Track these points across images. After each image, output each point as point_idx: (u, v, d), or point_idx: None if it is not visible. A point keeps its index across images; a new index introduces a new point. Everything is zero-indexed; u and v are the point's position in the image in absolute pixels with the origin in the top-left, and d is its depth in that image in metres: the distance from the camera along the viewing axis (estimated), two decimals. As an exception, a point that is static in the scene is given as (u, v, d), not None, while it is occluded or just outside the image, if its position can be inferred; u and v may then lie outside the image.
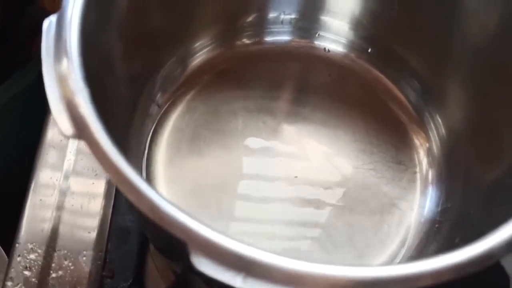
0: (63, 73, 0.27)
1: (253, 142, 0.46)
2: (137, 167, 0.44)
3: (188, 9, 0.44)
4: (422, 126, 0.47)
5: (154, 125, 0.46)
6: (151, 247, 0.44)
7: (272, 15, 0.49)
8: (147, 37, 0.42)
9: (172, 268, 0.43)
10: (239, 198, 0.44)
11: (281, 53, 0.50)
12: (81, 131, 0.26)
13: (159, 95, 0.47)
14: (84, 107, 0.26)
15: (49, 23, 0.28)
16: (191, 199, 0.43)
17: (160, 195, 0.25)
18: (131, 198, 0.24)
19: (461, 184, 0.42)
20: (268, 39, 0.50)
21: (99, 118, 0.27)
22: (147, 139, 0.46)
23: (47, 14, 0.51)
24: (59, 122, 0.26)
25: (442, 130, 0.46)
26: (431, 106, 0.46)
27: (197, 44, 0.48)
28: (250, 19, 0.49)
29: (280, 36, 0.50)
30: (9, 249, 0.44)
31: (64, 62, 0.27)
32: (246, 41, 0.50)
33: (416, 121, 0.47)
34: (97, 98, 0.28)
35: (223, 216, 0.43)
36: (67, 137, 0.26)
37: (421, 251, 0.41)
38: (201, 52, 0.48)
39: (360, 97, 0.48)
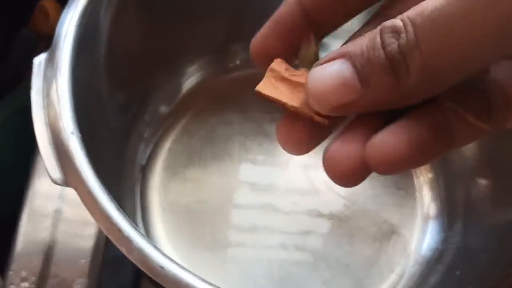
0: (53, 117, 0.26)
1: (250, 166, 0.45)
2: (131, 194, 0.43)
3: (181, 33, 0.44)
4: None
5: (150, 150, 0.45)
6: (144, 275, 0.44)
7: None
8: (139, 61, 0.41)
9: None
10: (235, 225, 0.43)
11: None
12: (71, 178, 0.25)
13: (154, 119, 0.46)
14: (74, 154, 0.25)
15: (39, 63, 0.27)
16: (186, 226, 0.43)
17: (154, 246, 0.24)
18: (123, 251, 0.23)
19: (462, 217, 0.41)
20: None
21: (90, 162, 0.26)
22: (141, 164, 0.45)
23: (40, 36, 0.50)
24: (49, 168, 0.25)
25: (448, 162, 0.45)
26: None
27: (192, 67, 0.47)
28: (245, 42, 0.48)
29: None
30: (2, 276, 0.43)
31: (55, 104, 0.26)
32: (241, 63, 0.49)
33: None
34: (87, 135, 0.28)
35: (219, 244, 0.42)
36: (56, 183, 0.25)
37: (421, 283, 0.40)
38: (196, 75, 0.48)
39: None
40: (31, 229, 0.45)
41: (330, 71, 0.18)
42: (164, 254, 0.24)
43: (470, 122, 0.19)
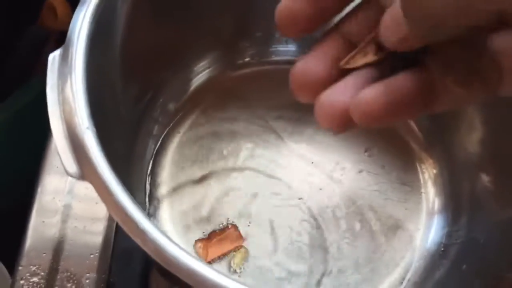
0: (68, 113, 0.27)
1: (256, 162, 0.46)
2: (140, 189, 0.44)
3: (190, 29, 0.44)
4: (430, 151, 0.46)
5: (158, 145, 0.46)
6: (154, 269, 0.44)
7: (277, 34, 0.49)
8: (149, 58, 0.42)
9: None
10: (243, 220, 0.43)
11: (285, 72, 0.49)
12: (87, 172, 0.26)
13: (162, 115, 0.46)
14: (90, 148, 0.26)
15: (53, 59, 0.28)
16: (194, 221, 0.43)
17: (168, 237, 0.24)
18: (139, 242, 0.24)
19: (467, 212, 0.42)
20: (273, 58, 0.50)
21: (104, 156, 0.26)
22: (150, 159, 0.45)
23: (49, 33, 0.51)
24: (65, 162, 0.26)
25: (452, 157, 0.45)
26: (442, 133, 0.46)
27: (200, 64, 0.48)
28: (254, 38, 0.49)
29: (284, 55, 0.50)
30: (12, 271, 0.44)
31: (70, 100, 0.27)
32: (250, 60, 0.49)
33: (423, 145, 0.47)
34: (101, 130, 0.28)
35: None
36: (72, 177, 0.26)
37: (427, 277, 0.41)
38: (205, 72, 0.48)
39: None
40: (41, 225, 0.45)
41: None
42: (178, 246, 0.24)
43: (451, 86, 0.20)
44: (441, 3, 0.17)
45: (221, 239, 0.42)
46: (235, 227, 0.43)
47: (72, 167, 0.26)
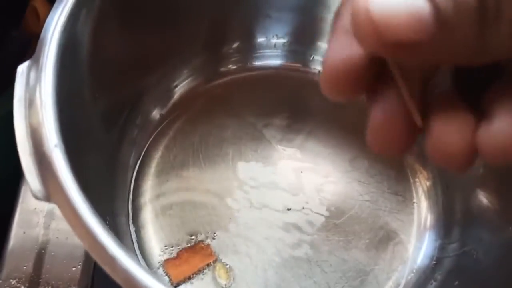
0: (35, 128, 0.25)
1: (244, 172, 0.44)
2: (124, 198, 0.43)
3: (170, 37, 0.43)
4: (423, 162, 0.45)
5: (142, 154, 0.44)
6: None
7: (260, 39, 0.48)
8: (130, 65, 0.40)
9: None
10: (228, 231, 0.42)
11: (273, 77, 0.48)
12: (53, 193, 0.24)
13: (146, 123, 0.45)
14: (58, 167, 0.24)
15: (22, 71, 0.26)
16: (178, 230, 0.42)
17: (140, 265, 0.23)
18: (107, 270, 0.22)
19: (461, 225, 0.40)
20: (259, 63, 0.48)
21: (74, 176, 0.25)
22: (134, 170, 0.44)
23: (32, 38, 0.49)
24: (30, 181, 0.24)
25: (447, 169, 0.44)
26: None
27: (183, 71, 0.46)
28: (237, 44, 0.47)
29: (272, 60, 0.49)
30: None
31: (38, 114, 0.25)
32: (234, 66, 0.48)
33: (416, 155, 0.45)
34: (73, 145, 0.27)
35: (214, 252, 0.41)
36: (37, 198, 0.24)
37: (418, 292, 0.39)
38: (189, 80, 0.47)
39: (356, 124, 0.46)
40: (21, 236, 0.44)
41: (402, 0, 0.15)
42: (151, 274, 0.23)
43: None
44: None
45: (191, 257, 0.40)
46: (204, 244, 0.41)
47: (37, 187, 0.24)
